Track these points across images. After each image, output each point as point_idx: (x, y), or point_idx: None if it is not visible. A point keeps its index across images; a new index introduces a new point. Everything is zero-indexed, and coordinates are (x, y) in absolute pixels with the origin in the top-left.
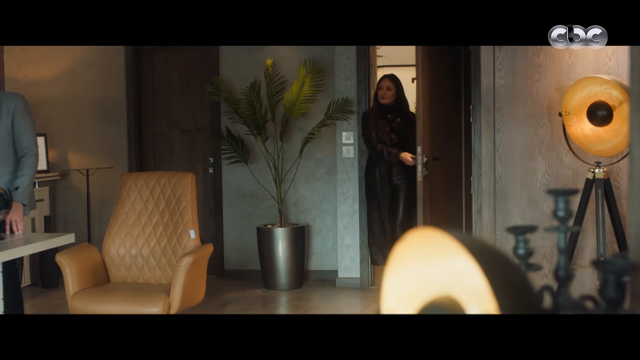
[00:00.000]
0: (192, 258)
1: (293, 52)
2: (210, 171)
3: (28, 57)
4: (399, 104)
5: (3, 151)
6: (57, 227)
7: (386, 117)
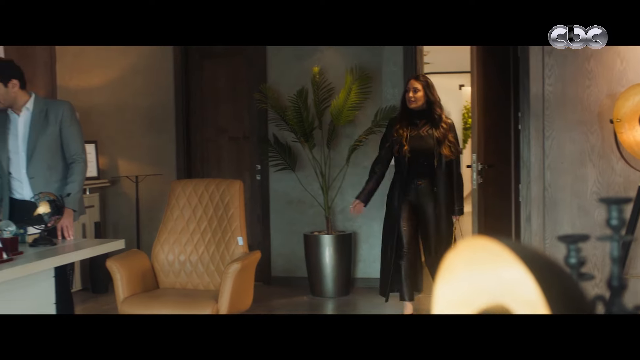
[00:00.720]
0: (240, 265)
1: (340, 59)
2: (257, 178)
3: (79, 65)
4: (430, 108)
5: (52, 158)
6: (107, 233)
7: (415, 123)
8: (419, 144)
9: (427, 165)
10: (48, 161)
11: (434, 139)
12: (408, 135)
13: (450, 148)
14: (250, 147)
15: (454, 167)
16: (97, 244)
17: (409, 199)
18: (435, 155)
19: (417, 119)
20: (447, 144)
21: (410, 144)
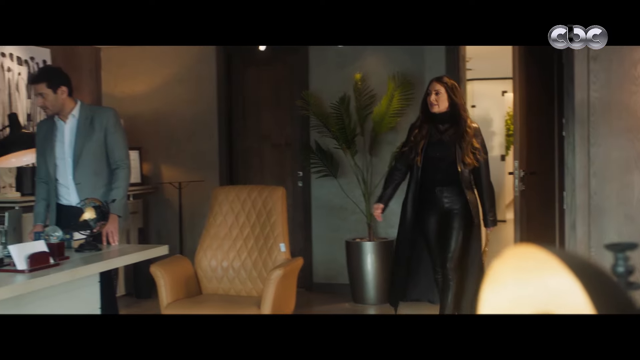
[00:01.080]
0: (282, 271)
1: (381, 66)
2: (299, 185)
3: (124, 73)
4: (453, 111)
5: (97, 164)
6: (150, 238)
7: (437, 128)
8: (441, 151)
9: (450, 173)
10: (94, 167)
11: (457, 146)
12: (426, 143)
13: (475, 155)
14: (292, 154)
15: (481, 174)
16: (141, 249)
17: (428, 208)
18: (458, 163)
19: (440, 123)
20: (471, 150)
21: (431, 152)
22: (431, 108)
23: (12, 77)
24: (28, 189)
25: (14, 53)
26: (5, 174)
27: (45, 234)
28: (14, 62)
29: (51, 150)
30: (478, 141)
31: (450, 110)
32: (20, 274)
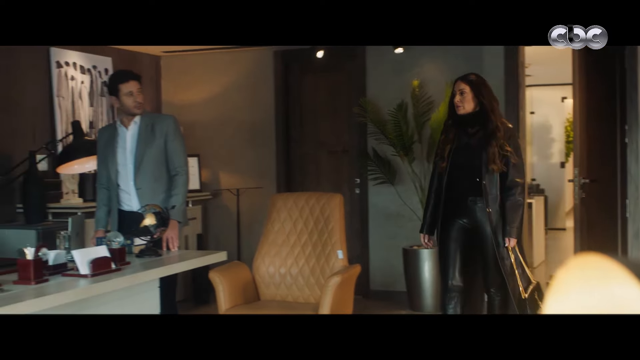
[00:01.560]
0: (340, 278)
1: (439, 72)
2: (356, 192)
3: (184, 81)
4: (482, 112)
5: (157, 170)
6: (208, 244)
7: (466, 131)
8: (466, 157)
9: (477, 182)
10: (154, 173)
11: (484, 151)
12: (452, 148)
13: (510, 159)
14: (349, 161)
15: (509, 179)
16: (200, 255)
17: (461, 221)
18: (483, 170)
19: (469, 126)
20: (501, 155)
21: (457, 157)
22: (457, 110)
23: (76, 85)
24: (90, 195)
25: (77, 62)
26: (68, 181)
27: (107, 239)
28: (77, 71)
29: (113, 156)
30: (511, 144)
31: (478, 111)
32: (83, 278)
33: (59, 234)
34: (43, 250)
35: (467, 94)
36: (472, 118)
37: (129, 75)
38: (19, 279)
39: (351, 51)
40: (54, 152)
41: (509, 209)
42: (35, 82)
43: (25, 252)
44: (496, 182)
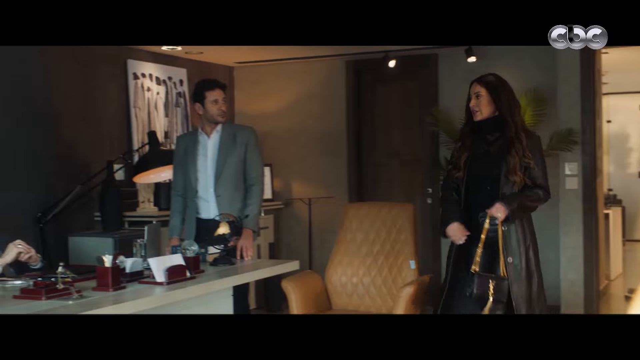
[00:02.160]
0: (412, 288)
1: (512, 81)
2: (428, 201)
3: (256, 92)
4: (501, 118)
5: (236, 179)
6: (280, 253)
7: (485, 138)
8: (485, 167)
9: (495, 194)
10: (233, 182)
11: (504, 160)
12: (470, 157)
13: (531, 172)
14: (421, 171)
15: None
16: (272, 264)
17: (473, 238)
18: (502, 182)
19: (487, 133)
20: (522, 166)
21: (475, 167)
22: (474, 116)
23: (152, 96)
24: (165, 204)
25: (153, 73)
26: (144, 190)
27: (182, 247)
28: (153, 82)
29: (193, 163)
30: (534, 155)
31: (497, 116)
32: (159, 286)
33: (135, 242)
34: (120, 258)
35: (484, 97)
36: (491, 124)
37: (216, 83)
38: (98, 286)
39: (423, 60)
40: (131, 161)
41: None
42: (113, 93)
43: (103, 260)
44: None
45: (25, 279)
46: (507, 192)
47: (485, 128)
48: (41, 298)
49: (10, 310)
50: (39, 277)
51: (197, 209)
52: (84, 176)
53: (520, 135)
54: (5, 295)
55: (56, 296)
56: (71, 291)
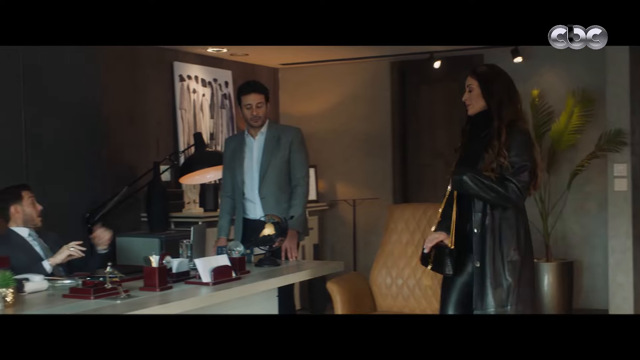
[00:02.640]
0: None
1: (560, 81)
2: None
3: (301, 93)
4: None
5: (281, 180)
6: (324, 254)
7: (477, 135)
8: (471, 165)
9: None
10: (278, 183)
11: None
12: (463, 155)
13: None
14: None
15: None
16: (317, 265)
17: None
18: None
19: (479, 129)
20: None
21: (461, 166)
22: (467, 109)
23: (197, 98)
24: (210, 204)
25: (199, 75)
26: (190, 191)
27: (228, 248)
28: (198, 84)
29: (240, 165)
30: (514, 147)
31: (488, 110)
32: (205, 286)
33: (181, 242)
34: (167, 258)
35: (475, 90)
36: (482, 119)
37: (252, 87)
38: (145, 286)
39: (468, 61)
40: (177, 163)
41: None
42: (159, 96)
43: (150, 260)
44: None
45: (75, 279)
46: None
47: (477, 123)
48: (90, 297)
49: (59, 309)
50: (88, 277)
51: (244, 209)
52: (130, 177)
53: (501, 131)
54: (54, 294)
55: (104, 295)
56: (119, 291)
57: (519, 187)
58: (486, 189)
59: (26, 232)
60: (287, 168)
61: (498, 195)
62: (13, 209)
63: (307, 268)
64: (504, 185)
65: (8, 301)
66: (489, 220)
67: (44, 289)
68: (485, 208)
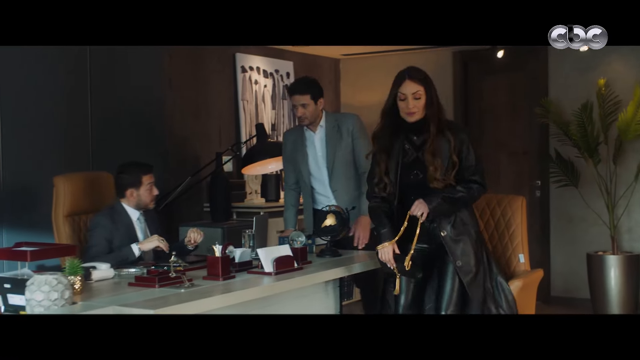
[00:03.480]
0: (521, 282)
1: (628, 70)
2: (537, 194)
3: (362, 83)
4: (428, 118)
5: (349, 170)
6: None
7: (412, 140)
8: (418, 174)
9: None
10: (346, 173)
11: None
12: (400, 164)
13: (463, 170)
14: (529, 163)
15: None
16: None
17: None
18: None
19: (414, 134)
20: (448, 167)
21: (406, 177)
22: (407, 117)
23: (259, 89)
24: (272, 195)
25: (261, 67)
26: (251, 181)
27: (290, 238)
28: (260, 75)
29: (303, 158)
30: (464, 151)
31: (426, 116)
32: (267, 276)
33: (244, 232)
34: (230, 248)
35: (423, 96)
36: (419, 125)
37: (293, 88)
38: (208, 275)
39: (532, 50)
40: (239, 153)
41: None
42: (222, 87)
43: (214, 250)
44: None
45: (140, 267)
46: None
47: (411, 130)
48: (154, 286)
49: (125, 297)
50: (153, 266)
51: (314, 201)
52: (194, 168)
53: (446, 135)
54: (120, 283)
55: (168, 284)
56: (183, 279)
57: (481, 183)
58: (459, 204)
59: (136, 215)
60: (352, 157)
61: (470, 201)
62: (129, 193)
63: (369, 259)
64: (469, 187)
65: (76, 288)
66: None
67: (110, 277)
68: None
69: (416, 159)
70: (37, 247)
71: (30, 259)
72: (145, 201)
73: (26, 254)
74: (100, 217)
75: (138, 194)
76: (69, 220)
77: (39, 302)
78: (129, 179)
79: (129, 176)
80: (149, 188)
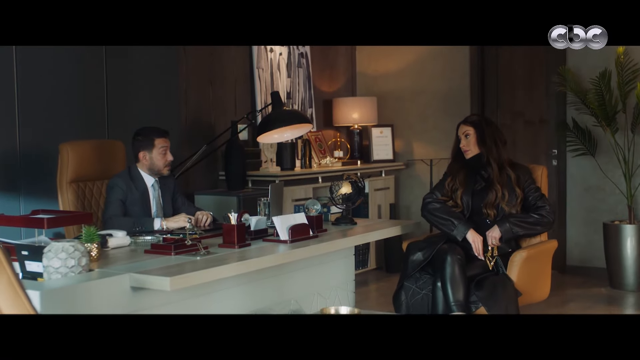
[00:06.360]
0: (526, 253)
1: None
2: (553, 163)
3: (377, 52)
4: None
5: None
6: (400, 214)
7: (480, 174)
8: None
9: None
10: None
11: (480, 199)
12: (466, 192)
13: (528, 201)
14: (546, 132)
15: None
16: (393, 224)
17: None
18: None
19: (481, 169)
20: (510, 198)
21: (475, 203)
22: (465, 154)
23: (274, 57)
24: (287, 163)
25: None
26: (267, 150)
27: (306, 206)
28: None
29: None
30: (526, 185)
31: (483, 153)
32: (282, 244)
33: (259, 200)
34: (245, 215)
35: (472, 136)
36: (481, 161)
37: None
38: (224, 243)
39: None
40: (254, 121)
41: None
42: (237, 55)
43: (229, 217)
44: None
45: (156, 235)
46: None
47: (477, 164)
48: (170, 253)
49: (141, 265)
50: (169, 233)
51: None
52: (209, 136)
53: (507, 171)
54: (136, 250)
55: (184, 252)
56: (198, 247)
57: (550, 208)
58: (532, 226)
59: (151, 181)
60: None
61: (542, 227)
62: (142, 155)
63: (383, 227)
64: (539, 214)
65: (93, 256)
66: None
67: (127, 245)
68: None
69: (484, 188)
70: (54, 214)
71: (47, 227)
72: (159, 165)
73: (43, 222)
74: (117, 179)
75: (150, 156)
76: (73, 187)
77: (56, 269)
78: (142, 141)
79: (143, 138)
80: (162, 152)
